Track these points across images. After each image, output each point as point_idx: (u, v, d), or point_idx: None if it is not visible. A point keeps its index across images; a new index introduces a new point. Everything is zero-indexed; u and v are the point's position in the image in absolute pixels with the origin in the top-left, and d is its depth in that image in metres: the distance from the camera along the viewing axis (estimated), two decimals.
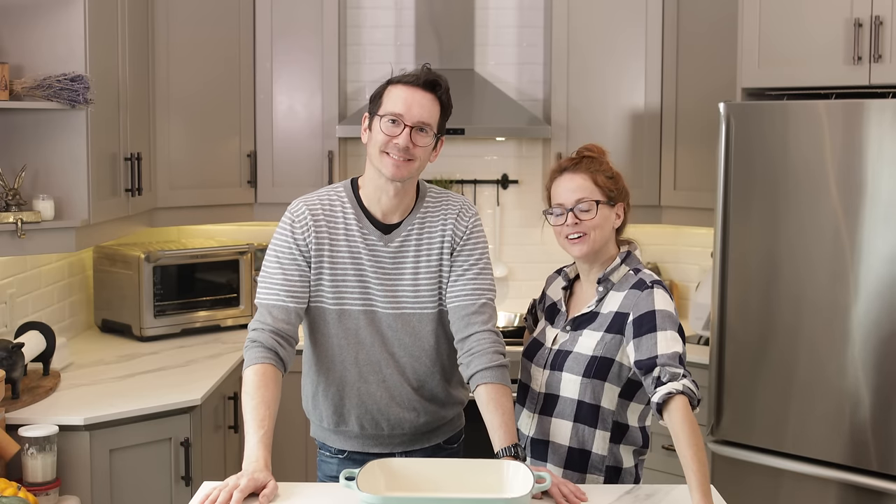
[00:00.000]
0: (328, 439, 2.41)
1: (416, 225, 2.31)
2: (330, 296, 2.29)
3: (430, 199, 2.35)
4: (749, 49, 3.36)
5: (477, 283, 2.28)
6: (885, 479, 2.98)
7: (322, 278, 2.28)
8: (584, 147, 2.33)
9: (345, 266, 2.28)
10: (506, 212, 4.49)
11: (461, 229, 2.31)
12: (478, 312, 2.25)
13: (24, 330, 3.16)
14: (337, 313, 2.29)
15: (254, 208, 4.14)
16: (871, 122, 2.96)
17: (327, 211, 2.31)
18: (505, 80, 4.41)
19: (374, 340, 2.29)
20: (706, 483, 1.94)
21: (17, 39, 3.04)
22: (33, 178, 3.07)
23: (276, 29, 4.07)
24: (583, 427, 2.21)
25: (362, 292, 2.28)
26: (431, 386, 2.35)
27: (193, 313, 3.98)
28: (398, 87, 2.25)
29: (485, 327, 2.25)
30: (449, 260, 2.30)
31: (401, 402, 2.32)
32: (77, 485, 2.83)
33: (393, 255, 2.29)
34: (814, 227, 3.08)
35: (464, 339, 2.25)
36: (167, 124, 3.81)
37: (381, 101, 2.26)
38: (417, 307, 2.29)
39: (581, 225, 2.22)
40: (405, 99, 2.22)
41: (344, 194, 2.34)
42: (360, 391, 2.31)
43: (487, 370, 2.19)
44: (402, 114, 2.21)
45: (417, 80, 2.24)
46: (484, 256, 2.32)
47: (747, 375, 3.26)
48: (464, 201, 2.37)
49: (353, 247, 2.28)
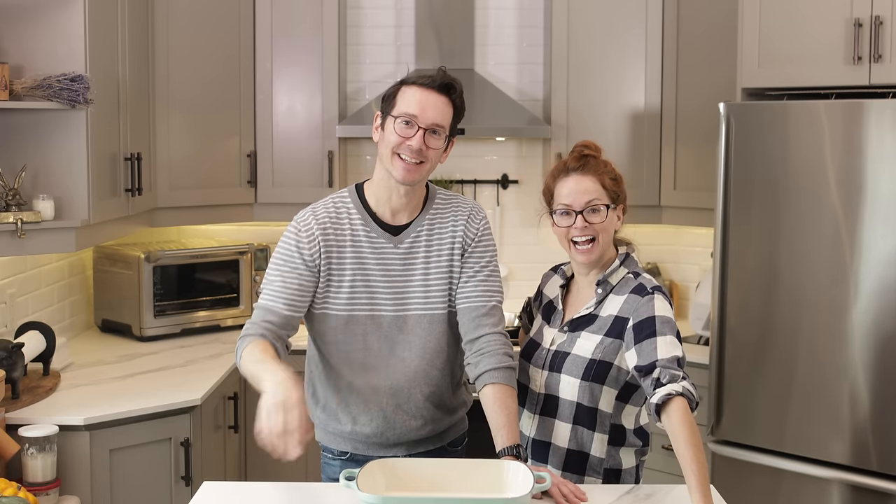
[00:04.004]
0: (332, 442, 2.41)
1: (426, 225, 2.30)
2: (337, 303, 2.27)
3: (439, 200, 2.35)
4: (749, 49, 3.36)
5: (487, 285, 2.29)
6: (886, 479, 2.98)
7: (330, 287, 2.27)
8: (582, 144, 2.31)
9: (353, 273, 2.26)
10: (506, 212, 4.48)
11: (472, 231, 2.32)
12: (488, 315, 2.27)
13: (24, 330, 3.16)
14: (344, 320, 2.28)
15: (254, 208, 4.14)
16: (871, 122, 2.96)
17: (334, 220, 2.29)
18: (505, 80, 4.41)
19: (382, 345, 2.28)
20: (706, 483, 1.94)
21: (17, 39, 3.04)
22: (33, 178, 3.07)
23: (276, 29, 4.07)
24: (581, 429, 2.21)
25: (369, 298, 2.27)
26: (441, 390, 2.34)
27: (193, 313, 3.98)
28: (413, 89, 2.24)
29: (495, 329, 2.26)
30: (459, 262, 2.30)
31: (408, 409, 2.32)
32: (77, 485, 2.83)
33: (403, 256, 2.28)
34: (814, 226, 3.08)
35: (474, 339, 2.26)
36: (167, 124, 3.81)
37: (394, 102, 2.24)
38: (427, 308, 2.29)
39: (590, 228, 2.21)
40: (420, 101, 2.21)
41: (349, 200, 2.32)
42: (368, 399, 2.30)
43: (496, 370, 2.20)
44: (417, 115, 2.20)
45: (433, 83, 2.24)
46: (494, 259, 2.34)
47: (747, 375, 3.26)
48: (473, 204, 2.37)
49: (359, 253, 2.27)
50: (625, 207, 2.30)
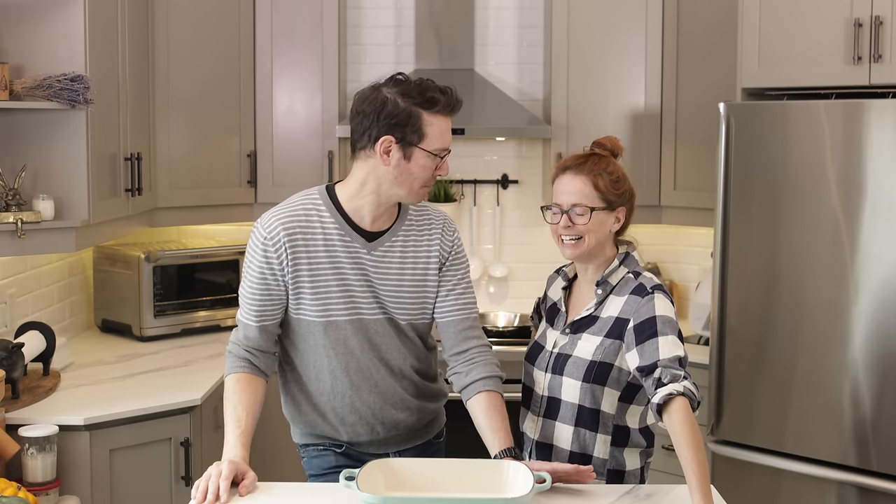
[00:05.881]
0: (317, 439, 2.41)
1: (402, 235, 2.31)
2: (313, 309, 2.25)
3: (412, 210, 2.36)
4: (749, 49, 3.36)
5: (467, 298, 2.35)
6: (886, 479, 2.98)
7: (302, 293, 2.24)
8: (597, 142, 2.32)
9: (327, 277, 2.24)
10: (506, 212, 4.48)
11: (447, 245, 2.34)
12: (473, 327, 2.34)
13: (24, 330, 3.16)
14: (323, 325, 2.26)
15: (254, 208, 4.14)
16: (871, 122, 2.96)
17: (303, 222, 2.24)
18: (505, 80, 4.41)
19: (363, 347, 2.28)
20: (706, 483, 1.94)
21: (17, 39, 3.04)
22: (33, 178, 3.07)
23: (276, 29, 4.07)
24: (584, 431, 2.21)
25: (347, 301, 2.26)
26: (417, 382, 2.37)
27: (193, 313, 3.98)
28: (440, 119, 2.21)
29: (483, 342, 2.35)
30: (436, 273, 2.32)
31: (394, 403, 2.33)
32: (77, 485, 2.84)
33: (376, 262, 2.27)
34: (814, 227, 3.08)
35: (462, 351, 2.32)
36: (167, 124, 3.81)
37: (423, 133, 2.18)
38: (398, 313, 2.30)
39: (574, 228, 2.22)
40: (447, 129, 2.23)
41: (320, 202, 2.28)
42: (353, 399, 2.31)
43: (490, 379, 2.27)
44: (448, 148, 2.24)
45: (453, 111, 2.24)
46: (468, 271, 2.39)
47: (747, 375, 3.26)
48: (444, 215, 2.40)
49: (333, 256, 2.24)
50: (630, 209, 2.29)
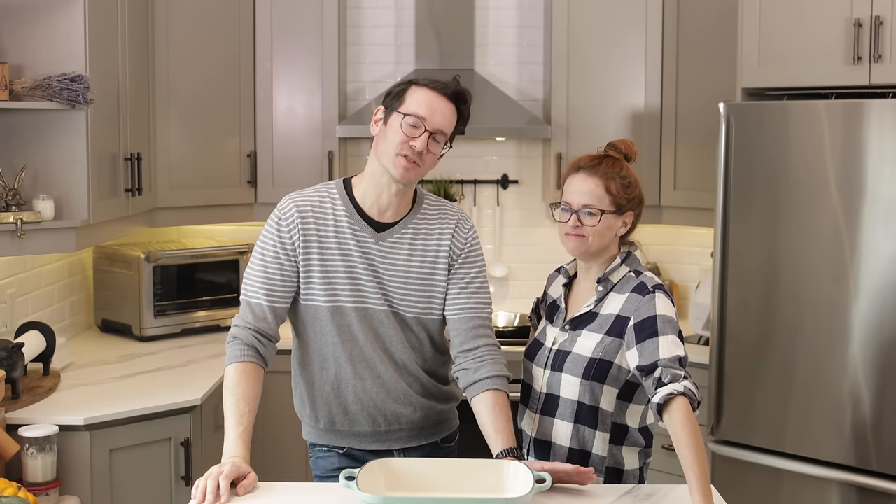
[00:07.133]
0: (323, 439, 2.41)
1: (412, 229, 2.32)
2: (322, 293, 2.29)
3: (427, 205, 2.37)
4: (749, 49, 3.36)
5: (479, 296, 2.34)
6: (886, 479, 2.98)
7: (312, 276, 2.29)
8: (612, 143, 2.33)
9: (335, 263, 2.28)
10: (506, 212, 4.48)
11: (460, 242, 2.34)
12: (483, 326, 2.33)
13: (24, 330, 3.16)
14: (330, 311, 2.29)
15: (254, 208, 4.14)
16: (871, 122, 2.96)
17: (317, 208, 2.31)
18: (505, 80, 4.41)
19: (368, 337, 2.30)
20: (706, 483, 1.94)
21: (17, 39, 3.04)
22: (33, 178, 3.07)
23: (276, 29, 4.07)
24: (583, 428, 2.22)
25: (354, 289, 2.28)
26: (424, 381, 2.37)
27: (193, 313, 3.98)
28: (424, 91, 2.24)
29: (492, 340, 2.33)
30: (445, 271, 2.32)
31: (396, 397, 2.33)
32: (77, 485, 2.84)
33: (383, 253, 2.29)
34: (814, 227, 3.08)
35: (471, 349, 2.30)
36: (167, 124, 3.81)
37: (403, 100, 2.24)
38: (404, 307, 2.31)
39: (582, 229, 2.23)
40: (430, 104, 2.23)
41: (336, 192, 2.34)
42: (356, 388, 2.32)
43: (497, 378, 2.27)
44: (426, 118, 2.22)
45: (446, 89, 2.25)
46: (483, 270, 2.37)
47: (747, 375, 3.26)
48: (461, 213, 2.39)
49: (343, 244, 2.28)
50: (638, 215, 2.30)
